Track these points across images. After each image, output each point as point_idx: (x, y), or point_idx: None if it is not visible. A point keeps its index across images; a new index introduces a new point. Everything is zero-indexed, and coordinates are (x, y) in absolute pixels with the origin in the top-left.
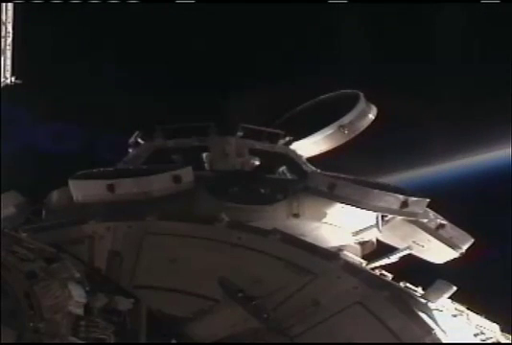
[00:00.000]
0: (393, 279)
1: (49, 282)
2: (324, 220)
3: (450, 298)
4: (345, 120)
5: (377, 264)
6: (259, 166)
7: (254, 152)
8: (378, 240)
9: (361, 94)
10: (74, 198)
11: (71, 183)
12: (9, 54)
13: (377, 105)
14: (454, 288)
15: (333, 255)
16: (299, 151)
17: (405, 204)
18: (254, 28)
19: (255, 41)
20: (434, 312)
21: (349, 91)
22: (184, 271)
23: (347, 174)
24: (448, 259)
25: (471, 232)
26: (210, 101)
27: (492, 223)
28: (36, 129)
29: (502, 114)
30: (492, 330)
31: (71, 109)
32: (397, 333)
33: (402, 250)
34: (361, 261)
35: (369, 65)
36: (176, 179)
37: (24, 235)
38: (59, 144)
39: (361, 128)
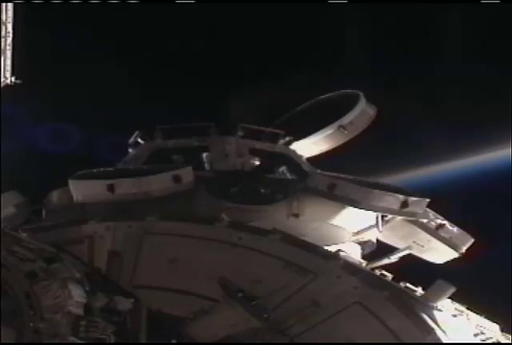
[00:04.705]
0: (393, 279)
1: (49, 282)
2: (324, 220)
3: (450, 298)
4: (345, 120)
5: (377, 264)
6: (259, 166)
7: (254, 152)
8: (378, 240)
9: (361, 94)
10: (74, 198)
11: (71, 183)
12: (9, 54)
13: (377, 106)
14: (454, 288)
15: (333, 255)
16: (299, 151)
17: (405, 204)
18: (254, 28)
19: (255, 41)
20: (434, 312)
21: (349, 91)
22: (184, 271)
23: (347, 174)
24: (448, 259)
25: (471, 232)
26: (210, 100)
27: (492, 223)
28: (36, 129)
29: (503, 114)
30: (492, 330)
31: (71, 109)
32: (397, 333)
33: (402, 250)
34: (361, 261)
35: (369, 65)
36: (176, 179)
37: (24, 235)
38: (59, 144)
39: (362, 128)
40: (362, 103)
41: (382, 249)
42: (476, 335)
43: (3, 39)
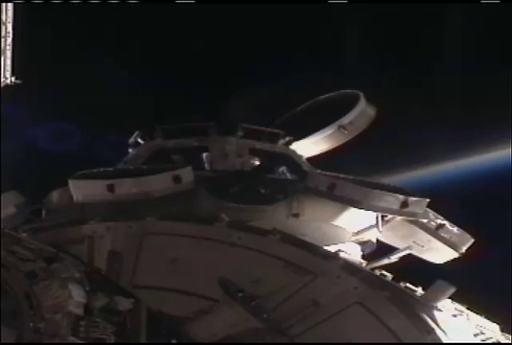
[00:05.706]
0: (393, 279)
1: (49, 282)
2: (324, 220)
3: (450, 298)
4: (345, 120)
5: (377, 264)
6: (259, 166)
7: (254, 152)
8: (378, 240)
9: (361, 94)
10: (74, 198)
11: (71, 183)
12: (9, 54)
13: (377, 106)
14: (454, 288)
15: (333, 255)
16: (299, 151)
17: (405, 204)
18: (254, 28)
19: (255, 41)
20: (434, 312)
21: (349, 91)
22: (184, 271)
23: (347, 174)
24: (448, 259)
25: (471, 232)
26: (210, 101)
27: (492, 223)
28: (36, 129)
29: (503, 115)
30: (492, 330)
31: (71, 109)
32: (397, 333)
33: (402, 250)
34: (361, 261)
35: (369, 65)
36: (176, 179)
37: (24, 235)
38: (59, 144)
39: (361, 128)
40: (362, 104)
41: (382, 249)
42: (476, 335)
43: (3, 39)
